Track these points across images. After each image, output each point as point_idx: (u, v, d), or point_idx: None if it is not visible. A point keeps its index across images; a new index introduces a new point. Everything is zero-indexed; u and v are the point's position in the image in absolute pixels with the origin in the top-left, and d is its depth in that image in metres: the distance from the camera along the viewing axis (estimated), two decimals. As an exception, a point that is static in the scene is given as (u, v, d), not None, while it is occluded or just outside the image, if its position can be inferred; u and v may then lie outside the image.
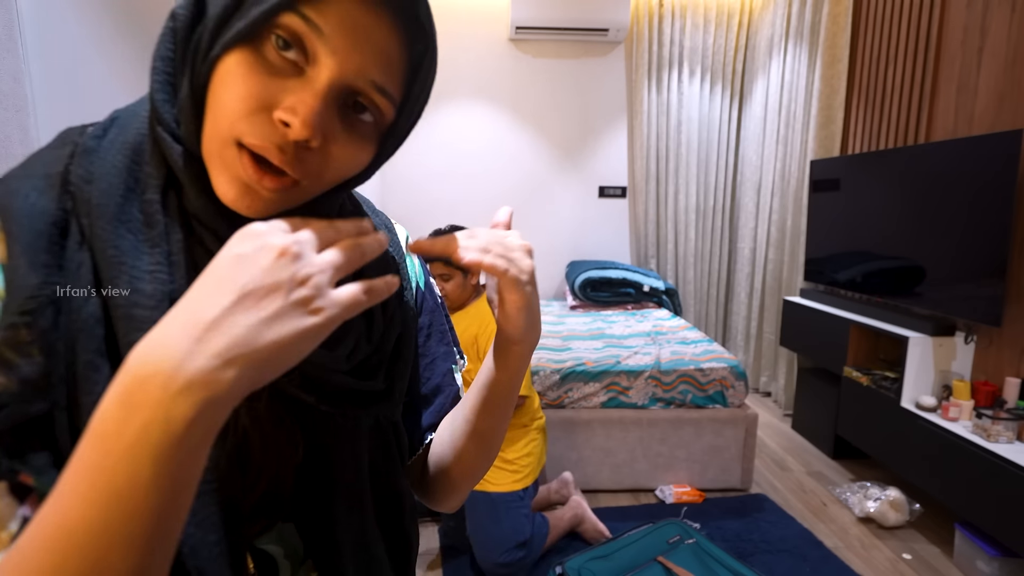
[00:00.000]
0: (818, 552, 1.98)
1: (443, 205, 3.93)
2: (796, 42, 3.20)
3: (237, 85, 0.33)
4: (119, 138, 0.37)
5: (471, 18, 3.72)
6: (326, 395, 0.41)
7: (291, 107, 0.33)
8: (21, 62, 0.90)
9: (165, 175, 0.36)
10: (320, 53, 0.34)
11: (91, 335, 0.32)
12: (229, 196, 0.35)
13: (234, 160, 0.34)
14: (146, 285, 0.33)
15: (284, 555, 0.43)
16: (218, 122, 0.34)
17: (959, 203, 2.10)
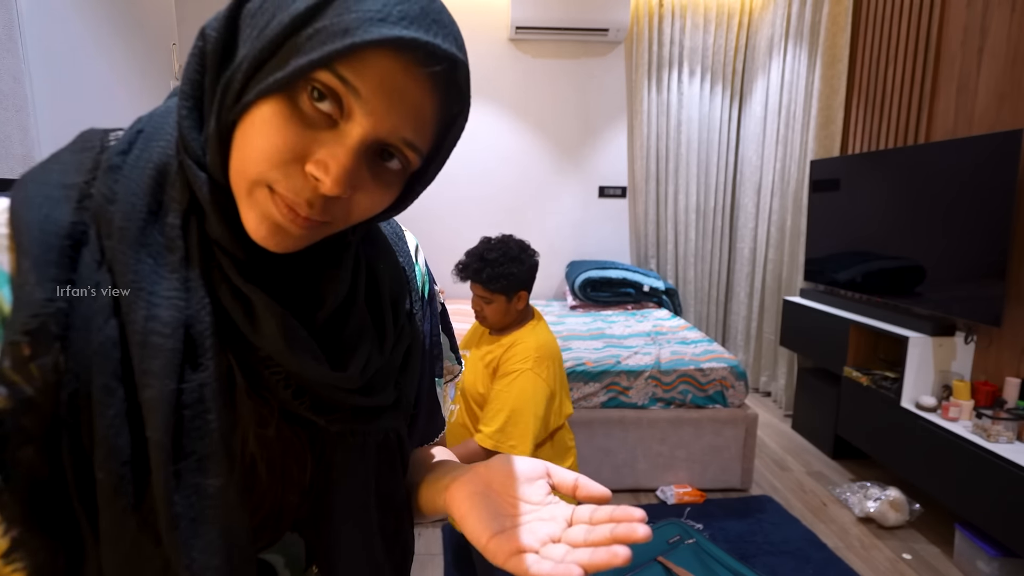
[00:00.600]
0: (821, 554, 1.98)
1: (443, 205, 3.93)
2: (796, 42, 3.20)
3: (271, 134, 0.33)
4: (143, 156, 0.36)
5: (471, 18, 3.72)
6: (336, 415, 0.41)
7: (323, 162, 0.33)
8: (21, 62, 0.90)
9: (188, 200, 0.36)
10: (355, 111, 0.33)
11: (108, 358, 0.32)
12: (260, 234, 0.35)
13: (266, 201, 0.34)
14: (163, 312, 0.33)
15: (285, 564, 0.43)
16: (247, 164, 0.34)
17: (959, 203, 2.10)
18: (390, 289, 0.46)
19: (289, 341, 0.36)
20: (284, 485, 0.41)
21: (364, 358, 0.41)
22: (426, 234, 3.90)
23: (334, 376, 0.38)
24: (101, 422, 0.31)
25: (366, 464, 0.44)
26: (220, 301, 0.36)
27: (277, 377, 0.37)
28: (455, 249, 1.68)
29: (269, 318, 0.35)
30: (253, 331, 0.36)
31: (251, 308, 0.36)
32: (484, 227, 3.97)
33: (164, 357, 0.32)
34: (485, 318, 1.58)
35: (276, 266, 0.38)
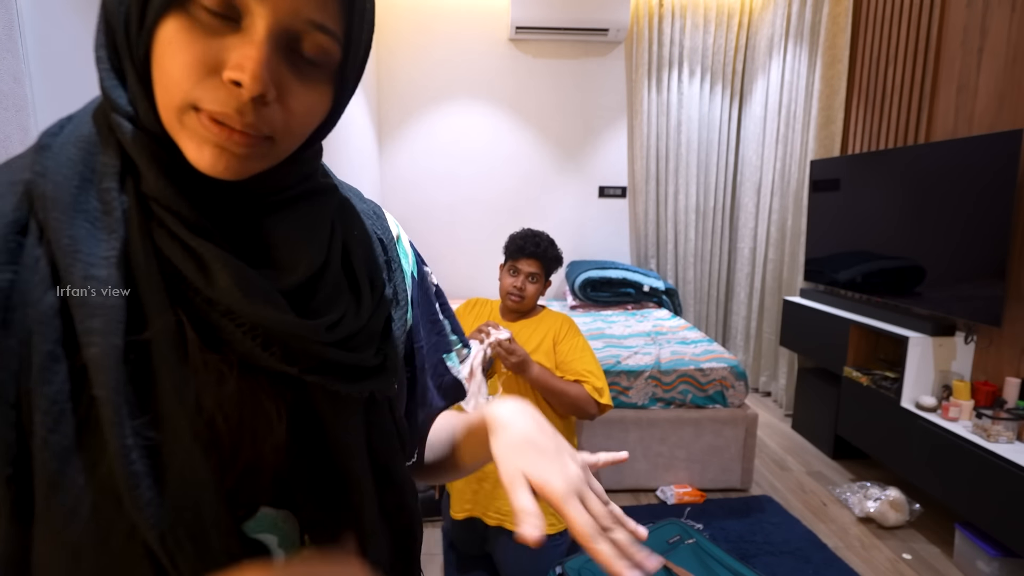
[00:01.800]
0: (821, 555, 1.98)
1: (443, 205, 3.93)
2: (796, 42, 3.20)
3: (179, 53, 0.33)
4: (73, 132, 0.36)
5: (471, 18, 3.72)
6: (311, 366, 0.39)
7: (238, 64, 0.33)
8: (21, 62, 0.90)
9: (121, 162, 0.35)
10: (250, 3, 0.33)
11: (50, 326, 0.32)
12: (204, 161, 0.34)
13: (196, 124, 0.34)
14: (100, 271, 0.33)
15: (279, 543, 0.42)
16: (170, 92, 0.33)
17: (959, 203, 2.10)
18: (366, 256, 0.46)
19: (246, 291, 0.35)
20: (254, 440, 0.39)
21: (338, 312, 0.40)
22: (426, 233, 3.90)
23: (299, 324, 0.37)
24: (48, 389, 0.31)
25: (352, 423, 0.42)
26: (168, 260, 0.35)
27: (243, 329, 0.36)
28: (455, 249, 1.72)
29: (222, 269, 0.34)
30: (208, 284, 0.35)
31: (203, 262, 0.35)
32: (484, 227, 3.98)
33: (105, 314, 0.32)
34: (523, 298, 1.71)
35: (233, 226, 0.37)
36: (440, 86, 3.79)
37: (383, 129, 3.83)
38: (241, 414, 0.38)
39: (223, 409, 0.37)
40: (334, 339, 0.40)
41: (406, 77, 3.77)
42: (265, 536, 0.41)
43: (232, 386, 0.37)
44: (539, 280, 1.72)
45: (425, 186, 3.90)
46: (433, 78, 3.78)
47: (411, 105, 3.81)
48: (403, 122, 3.83)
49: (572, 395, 1.58)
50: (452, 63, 3.76)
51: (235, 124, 0.34)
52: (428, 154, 3.87)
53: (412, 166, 3.88)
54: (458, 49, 3.75)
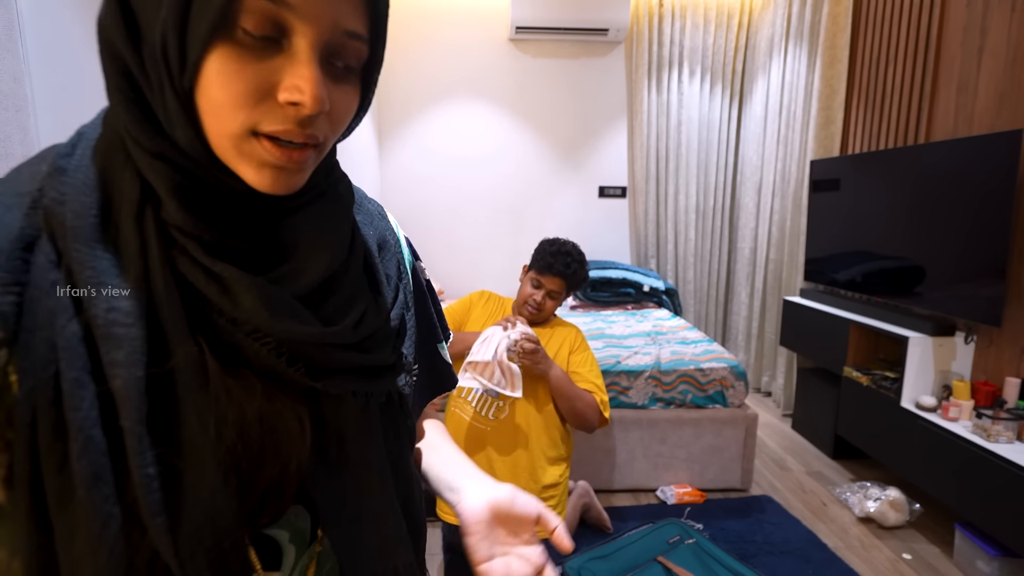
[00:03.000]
0: (821, 555, 1.98)
1: (443, 205, 3.93)
2: (796, 42, 3.20)
3: (230, 82, 0.33)
4: (87, 155, 0.36)
5: (471, 18, 3.72)
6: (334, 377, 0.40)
7: (295, 87, 0.34)
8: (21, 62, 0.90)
9: (139, 191, 0.35)
10: (294, 24, 0.34)
11: (75, 353, 0.32)
12: (264, 183, 0.36)
13: (255, 149, 0.35)
14: (124, 303, 0.33)
15: (289, 538, 0.43)
16: (225, 121, 0.34)
17: (959, 203, 2.10)
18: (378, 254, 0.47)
19: (272, 309, 0.35)
20: (280, 458, 0.39)
21: (358, 314, 0.41)
22: (426, 233, 3.90)
23: (326, 333, 0.38)
24: (75, 416, 0.31)
25: (372, 425, 0.44)
26: (192, 285, 0.35)
27: (268, 347, 0.37)
28: (455, 249, 1.72)
29: (245, 290, 0.35)
30: (233, 306, 0.35)
31: (226, 285, 0.35)
32: (484, 228, 3.98)
33: (128, 346, 0.32)
34: (543, 309, 1.70)
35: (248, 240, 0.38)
36: (440, 86, 3.79)
37: (383, 129, 3.83)
38: (264, 435, 0.39)
39: (245, 434, 0.37)
40: (358, 339, 0.41)
41: (406, 77, 3.77)
42: (276, 532, 0.42)
43: (255, 410, 0.38)
44: (559, 298, 1.68)
45: (425, 186, 3.90)
46: (433, 78, 3.78)
47: (411, 105, 3.81)
48: (403, 122, 3.83)
49: (584, 403, 1.59)
50: (452, 63, 3.76)
51: (297, 138, 0.35)
52: (428, 154, 3.87)
53: (412, 166, 3.88)
54: (458, 49, 3.75)
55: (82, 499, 0.31)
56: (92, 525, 0.31)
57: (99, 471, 0.31)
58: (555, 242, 1.69)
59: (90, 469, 0.31)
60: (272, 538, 0.42)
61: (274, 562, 0.42)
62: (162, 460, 0.33)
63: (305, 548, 0.44)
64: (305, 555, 0.44)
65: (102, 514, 0.31)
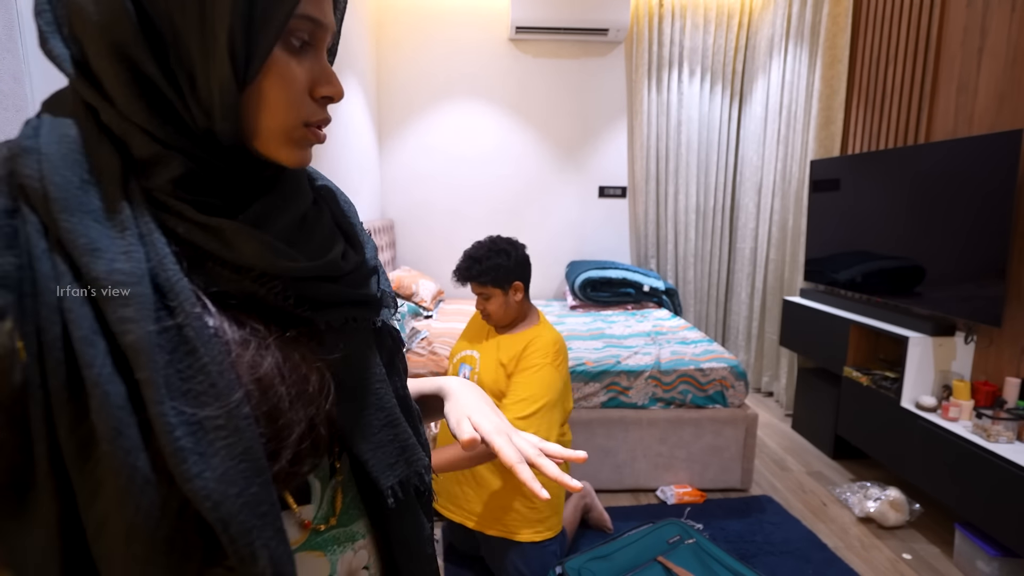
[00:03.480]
0: (822, 555, 1.98)
1: (443, 205, 3.93)
2: (796, 42, 3.20)
3: (289, 84, 0.40)
4: (55, 134, 0.37)
5: (471, 18, 3.72)
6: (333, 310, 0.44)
7: (329, 83, 0.42)
8: (21, 62, 0.90)
9: (121, 163, 0.37)
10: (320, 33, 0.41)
11: (81, 314, 0.33)
12: (304, 159, 0.43)
13: (304, 135, 0.42)
14: (123, 264, 0.34)
15: (314, 474, 0.45)
16: (283, 117, 0.40)
17: (959, 203, 2.10)
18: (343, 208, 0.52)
19: (274, 250, 0.39)
20: (305, 406, 0.41)
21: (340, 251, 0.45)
22: (426, 233, 3.91)
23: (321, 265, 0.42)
24: (89, 372, 0.32)
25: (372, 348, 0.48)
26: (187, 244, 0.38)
27: (275, 290, 0.40)
28: (455, 249, 1.71)
29: (246, 238, 0.38)
30: (237, 255, 0.38)
31: (224, 237, 0.38)
32: (484, 227, 3.97)
33: (136, 302, 0.33)
34: (490, 315, 1.66)
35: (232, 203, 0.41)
36: (440, 86, 3.80)
37: (383, 129, 3.83)
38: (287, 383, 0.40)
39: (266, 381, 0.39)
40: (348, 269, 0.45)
41: (406, 77, 3.77)
42: None
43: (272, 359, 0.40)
44: (492, 296, 1.63)
45: (425, 186, 3.90)
46: (433, 78, 3.78)
47: (411, 105, 3.81)
48: (403, 122, 3.83)
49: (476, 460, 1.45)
50: (452, 63, 3.76)
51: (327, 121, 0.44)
52: (428, 154, 3.87)
53: (412, 166, 3.88)
54: (458, 49, 3.75)
55: (105, 454, 0.32)
56: (117, 479, 0.31)
57: (119, 424, 0.32)
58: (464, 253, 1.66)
59: (110, 423, 0.32)
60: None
61: (303, 497, 0.44)
62: (181, 409, 0.33)
63: (327, 482, 0.46)
64: (328, 488, 0.46)
65: (127, 467, 0.32)
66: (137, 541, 0.32)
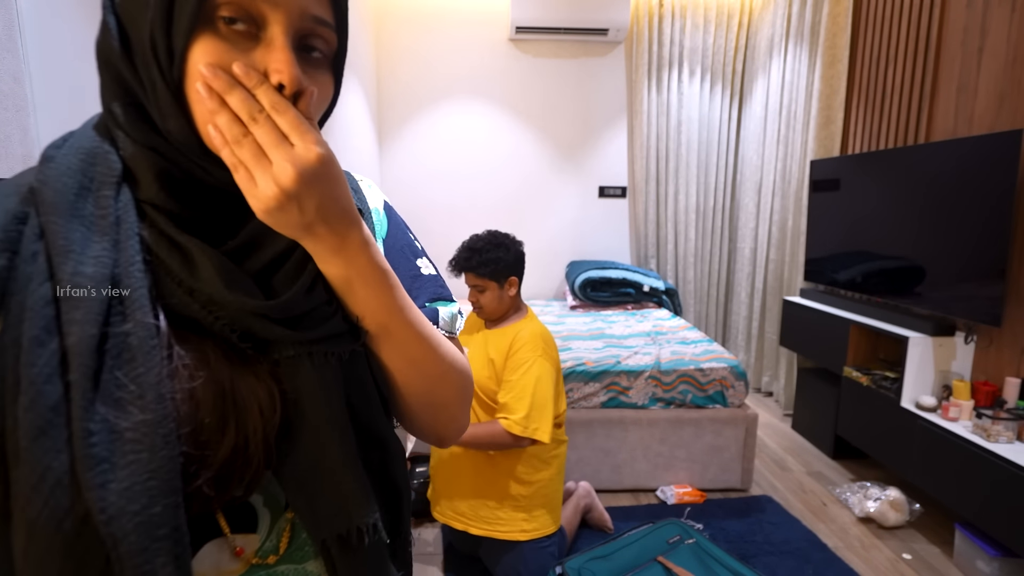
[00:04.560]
0: (821, 555, 1.98)
1: (443, 206, 3.93)
2: (796, 42, 3.20)
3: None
4: (74, 145, 0.40)
5: (471, 18, 3.72)
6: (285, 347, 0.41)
7: (276, 70, 0.37)
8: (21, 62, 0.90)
9: (120, 173, 0.39)
10: (265, 12, 0.37)
11: (39, 313, 0.34)
12: None
13: None
14: (88, 268, 0.35)
15: (264, 502, 0.43)
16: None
17: (959, 203, 2.10)
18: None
19: (226, 281, 0.38)
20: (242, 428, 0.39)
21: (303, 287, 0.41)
22: (426, 233, 3.90)
23: (272, 306, 0.39)
24: (29, 371, 0.33)
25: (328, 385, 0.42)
26: (157, 257, 0.38)
27: (221, 321, 0.39)
28: (455, 249, 1.71)
29: (206, 262, 0.38)
30: (191, 276, 0.38)
31: (188, 256, 0.38)
32: (484, 227, 3.95)
33: (86, 307, 0.34)
34: (482, 308, 1.67)
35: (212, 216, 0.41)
36: (440, 86, 3.80)
37: (383, 129, 3.83)
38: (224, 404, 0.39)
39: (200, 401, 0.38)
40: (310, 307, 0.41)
41: (406, 77, 3.77)
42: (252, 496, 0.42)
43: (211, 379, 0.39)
44: (486, 289, 1.63)
45: (425, 186, 3.90)
46: (433, 78, 3.78)
47: (411, 105, 3.81)
48: (403, 122, 3.83)
49: (482, 439, 1.53)
50: (452, 63, 3.76)
51: None
52: (428, 154, 3.87)
53: (412, 166, 3.88)
54: (458, 49, 3.75)
55: (23, 451, 0.32)
56: (30, 478, 0.32)
57: (44, 425, 0.32)
58: (462, 244, 1.67)
59: (36, 422, 0.32)
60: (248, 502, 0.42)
61: (249, 525, 0.42)
62: (105, 417, 0.33)
63: (280, 513, 0.44)
64: (280, 520, 0.44)
65: (40, 466, 0.32)
66: (36, 541, 0.32)
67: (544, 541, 1.67)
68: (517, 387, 1.55)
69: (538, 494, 1.65)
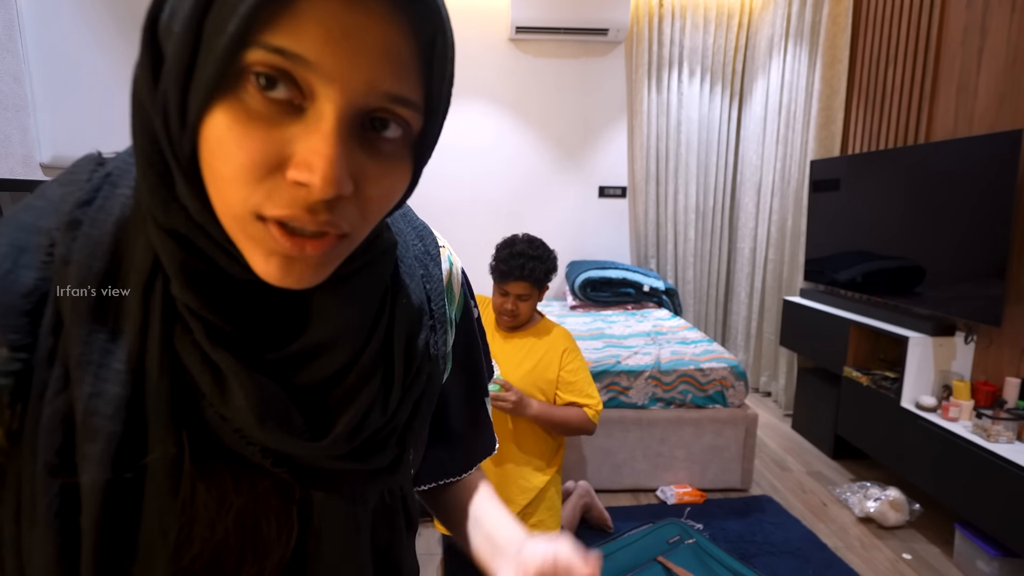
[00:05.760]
0: (821, 555, 1.98)
1: (443, 206, 3.93)
2: (796, 42, 3.20)
3: (232, 152, 0.27)
4: (105, 207, 0.33)
5: (471, 18, 3.72)
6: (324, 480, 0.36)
7: (304, 163, 0.27)
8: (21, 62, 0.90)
9: (152, 261, 0.32)
10: (315, 83, 0.27)
11: (53, 434, 0.30)
12: (272, 274, 0.30)
13: (263, 235, 0.29)
14: (109, 388, 0.30)
15: None
16: (227, 199, 0.29)
17: (959, 203, 2.10)
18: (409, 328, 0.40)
19: (260, 416, 0.32)
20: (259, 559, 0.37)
21: (356, 419, 0.36)
22: (426, 234, 3.90)
23: (314, 447, 0.34)
24: (42, 500, 0.30)
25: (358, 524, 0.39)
26: (187, 369, 0.32)
27: (253, 448, 0.34)
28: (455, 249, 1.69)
29: (239, 388, 0.31)
30: (223, 402, 0.32)
31: (220, 377, 0.32)
32: (484, 228, 3.97)
33: (102, 442, 0.30)
34: (518, 315, 1.64)
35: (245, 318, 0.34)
36: (440, 86, 3.79)
37: (383, 129, 3.83)
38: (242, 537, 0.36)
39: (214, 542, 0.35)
40: (352, 447, 0.36)
41: (406, 77, 3.76)
42: None
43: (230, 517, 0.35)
44: (531, 297, 1.61)
45: (425, 186, 3.85)
46: (433, 78, 3.78)
47: (411, 105, 3.81)
48: (403, 122, 3.83)
49: (573, 423, 1.60)
50: (452, 63, 3.76)
51: (308, 226, 0.29)
52: (428, 154, 3.86)
53: (412, 166, 3.87)
54: (458, 49, 3.65)
55: None
56: None
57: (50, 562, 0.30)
58: (508, 244, 1.63)
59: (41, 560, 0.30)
60: None
61: None
62: (115, 564, 0.31)
63: None
64: None
65: None
66: None
67: None
68: (588, 383, 1.66)
69: (541, 496, 1.65)
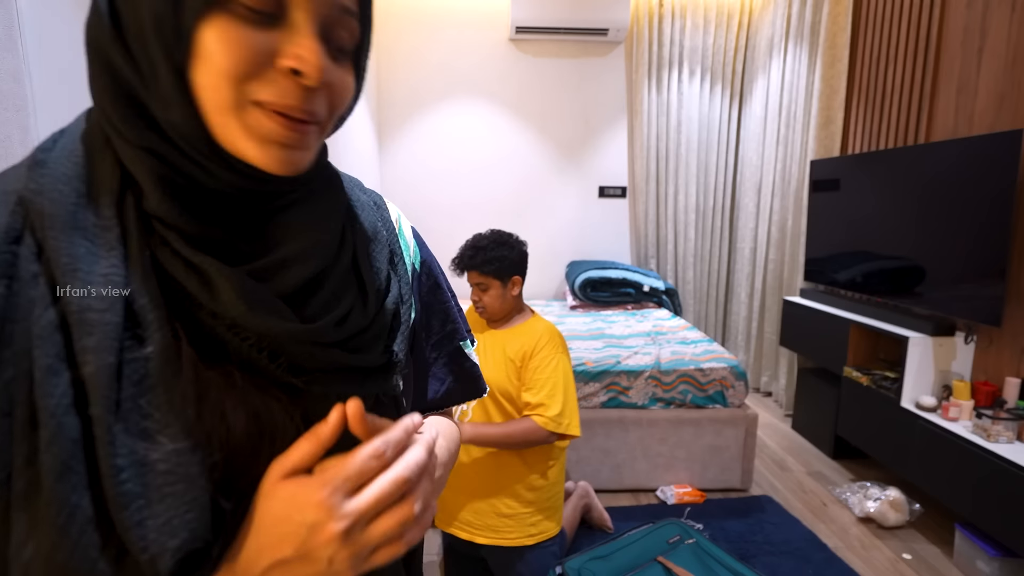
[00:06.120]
0: (822, 555, 1.98)
1: (443, 206, 3.93)
2: (796, 42, 3.20)
3: (232, 50, 0.33)
4: (67, 147, 0.36)
5: (471, 19, 3.72)
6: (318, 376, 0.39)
7: (297, 56, 0.34)
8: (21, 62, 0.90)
9: (120, 178, 0.35)
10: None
11: (50, 341, 0.31)
12: (270, 161, 0.36)
13: (258, 120, 0.35)
14: (98, 287, 0.33)
15: None
16: (223, 92, 0.34)
17: (959, 203, 2.10)
18: (370, 250, 0.45)
19: (250, 303, 0.35)
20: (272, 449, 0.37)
21: (343, 311, 0.40)
22: (426, 233, 3.87)
23: (305, 330, 0.37)
24: (47, 403, 0.30)
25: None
26: (173, 278, 0.35)
27: (249, 342, 0.36)
28: (455, 249, 1.70)
29: (225, 283, 0.34)
30: (211, 298, 0.35)
31: (206, 277, 0.35)
32: (484, 227, 3.95)
33: (100, 332, 0.32)
34: (484, 307, 1.64)
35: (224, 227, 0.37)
36: (440, 86, 3.79)
37: (383, 129, 3.83)
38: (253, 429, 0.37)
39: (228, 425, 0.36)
40: (341, 337, 0.40)
41: (406, 77, 3.77)
42: None
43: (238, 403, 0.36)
44: (490, 287, 1.61)
45: (425, 187, 3.90)
46: (433, 78, 3.78)
47: (411, 106, 3.81)
48: (403, 123, 3.83)
49: (516, 437, 1.51)
50: (452, 63, 3.76)
51: (297, 114, 0.35)
52: (428, 155, 3.87)
53: (412, 166, 3.88)
54: (458, 49, 3.75)
55: (48, 490, 0.30)
56: (57, 518, 0.30)
57: (69, 460, 0.30)
58: (472, 238, 1.66)
59: (60, 457, 0.30)
60: None
61: None
62: (133, 450, 0.31)
63: None
64: None
65: (68, 505, 0.30)
66: None
67: (547, 543, 1.67)
68: (548, 384, 1.55)
69: (542, 498, 1.65)
